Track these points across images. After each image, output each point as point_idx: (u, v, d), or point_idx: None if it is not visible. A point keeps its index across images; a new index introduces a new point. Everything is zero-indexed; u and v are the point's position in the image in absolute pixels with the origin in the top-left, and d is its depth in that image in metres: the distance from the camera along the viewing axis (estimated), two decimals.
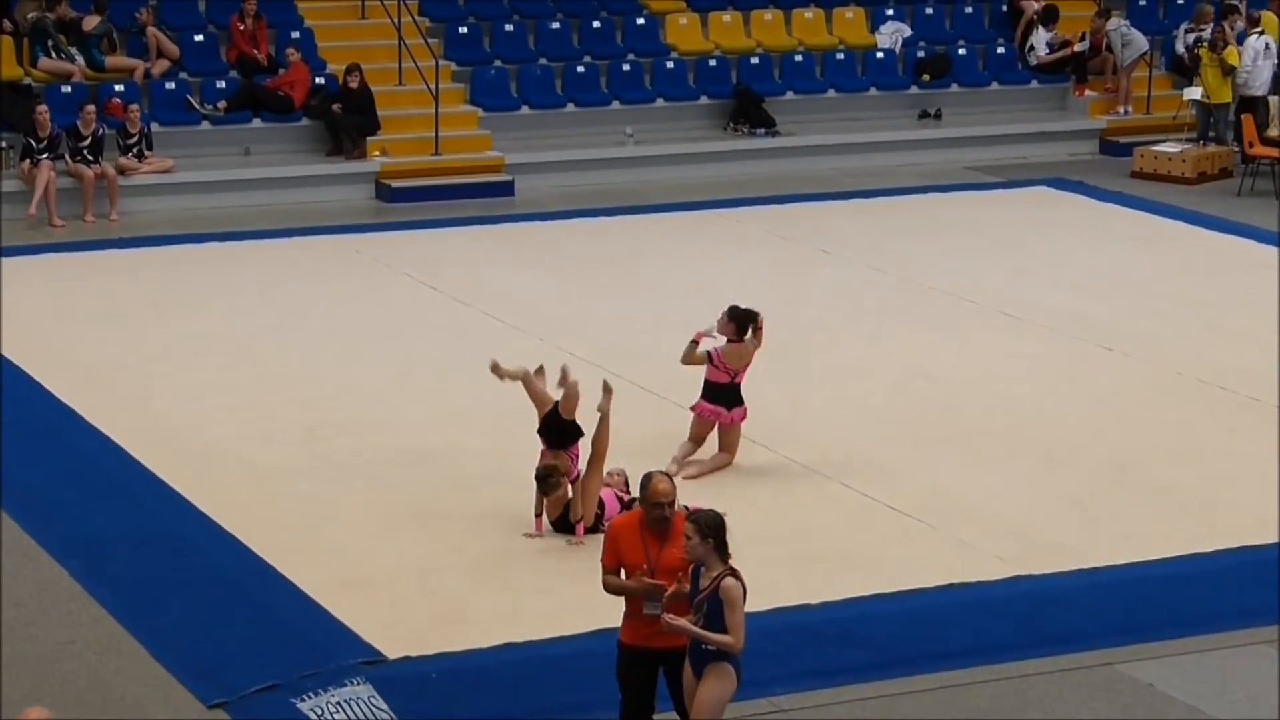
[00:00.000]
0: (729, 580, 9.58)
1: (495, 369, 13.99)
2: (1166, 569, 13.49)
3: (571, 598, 12.47)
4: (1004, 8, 29.70)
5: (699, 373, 17.42)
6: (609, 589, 10.13)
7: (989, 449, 15.68)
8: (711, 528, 9.65)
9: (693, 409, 15.25)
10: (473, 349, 18.07)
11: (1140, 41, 28.09)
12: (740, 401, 15.17)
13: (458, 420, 16.09)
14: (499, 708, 11.34)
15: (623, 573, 10.02)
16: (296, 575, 13.07)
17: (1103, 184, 25.90)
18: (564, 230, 23.14)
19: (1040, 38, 28.75)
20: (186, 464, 15.12)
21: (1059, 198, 25.35)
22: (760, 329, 15.19)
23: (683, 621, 9.58)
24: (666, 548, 9.93)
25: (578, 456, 13.77)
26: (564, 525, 13.57)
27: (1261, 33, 27.28)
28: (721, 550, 9.65)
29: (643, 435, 16.02)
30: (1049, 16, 28.83)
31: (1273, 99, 26.78)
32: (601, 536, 10.61)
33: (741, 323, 15.18)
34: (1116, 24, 28.28)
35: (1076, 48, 28.59)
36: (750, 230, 23.10)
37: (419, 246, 22.10)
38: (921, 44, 28.80)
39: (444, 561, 13.43)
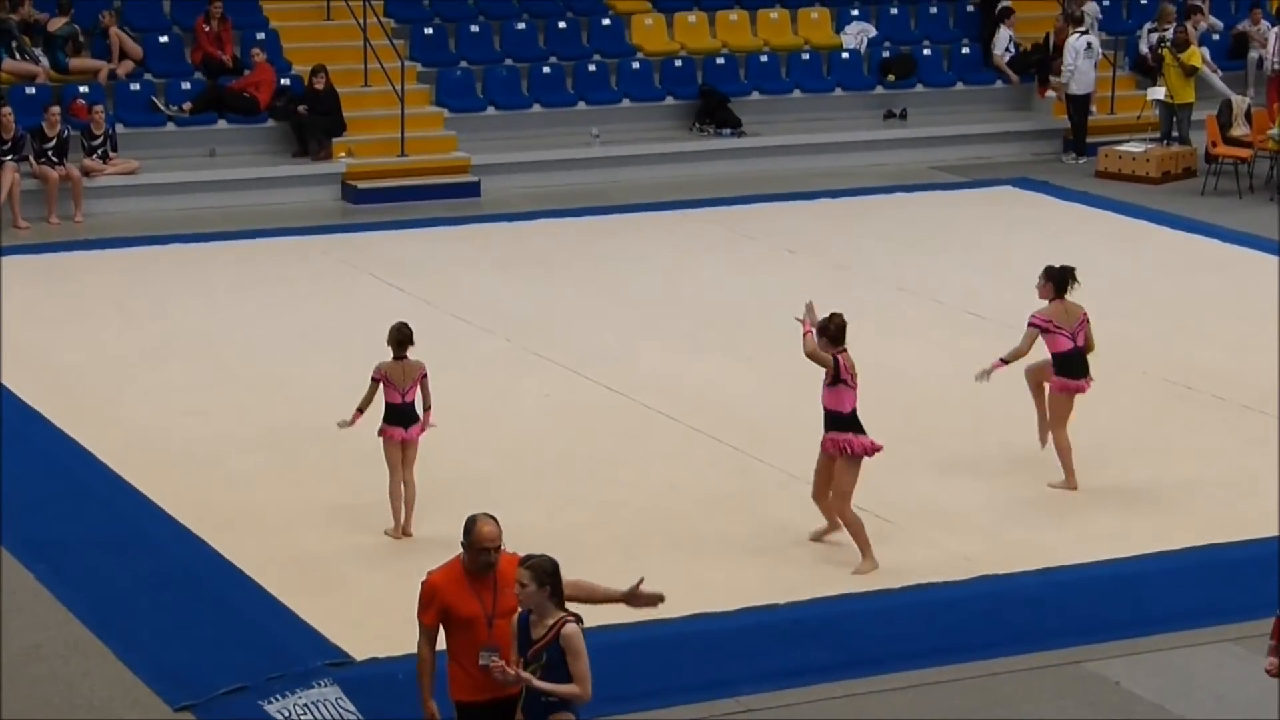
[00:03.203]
0: (570, 627, 8.97)
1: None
2: (1133, 567, 13.54)
3: None
4: (969, 7, 29.75)
5: (666, 375, 17.46)
6: (419, 662, 9.52)
7: (955, 448, 15.71)
8: (548, 574, 8.99)
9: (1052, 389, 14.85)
10: (439, 350, 18.07)
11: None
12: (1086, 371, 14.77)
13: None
14: None
15: (442, 630, 9.44)
16: (264, 577, 13.06)
17: (1067, 184, 25.97)
18: (530, 231, 23.13)
19: (1001, 37, 28.78)
20: (153, 466, 15.09)
21: (1024, 197, 25.41)
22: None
23: (525, 674, 9.01)
24: (502, 592, 9.25)
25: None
26: None
27: (1084, 32, 27.33)
28: (557, 597, 9.02)
29: (608, 435, 16.06)
30: (1005, 14, 28.83)
31: (1237, 98, 26.88)
32: None
33: (1060, 281, 14.83)
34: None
35: (1031, 50, 28.59)
36: (716, 230, 23.12)
37: (385, 247, 22.08)
38: (886, 44, 28.84)
39: (411, 563, 13.39)
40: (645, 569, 13.17)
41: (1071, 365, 14.69)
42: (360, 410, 13.72)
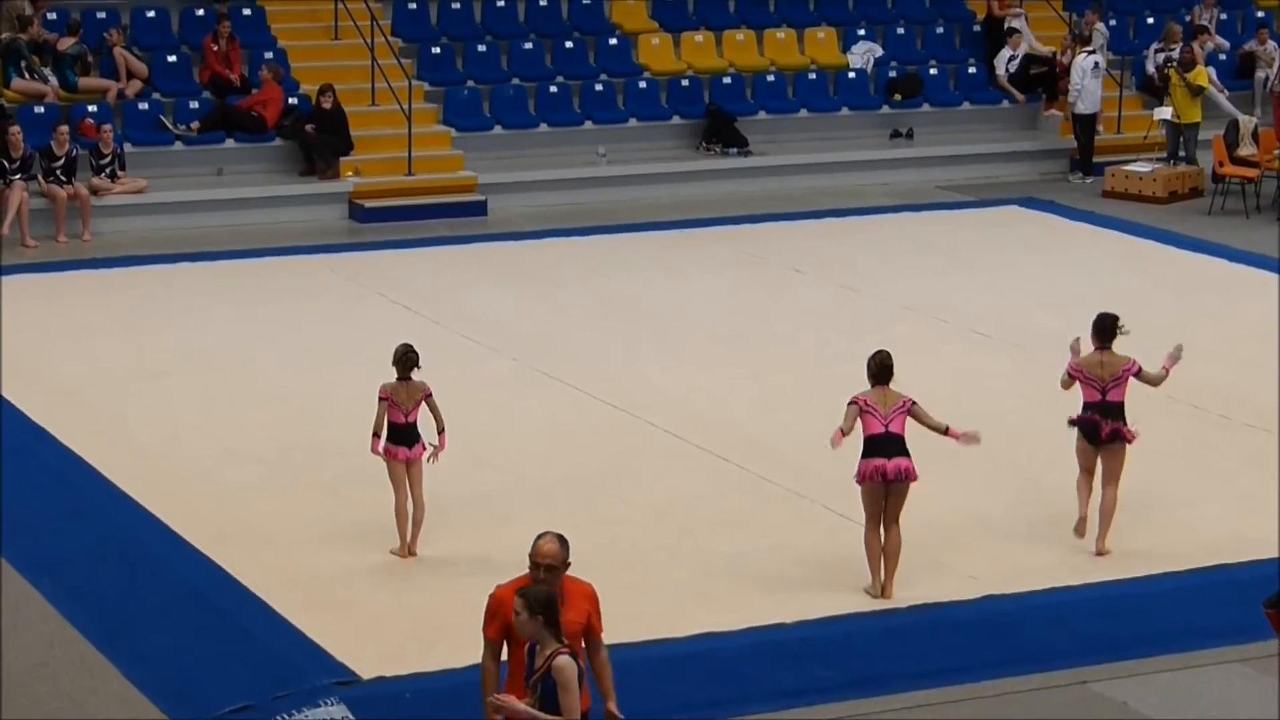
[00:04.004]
0: (561, 659, 8.96)
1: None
2: (1140, 588, 13.52)
3: None
4: (976, 27, 29.78)
5: (673, 394, 17.50)
6: (483, 673, 9.59)
7: (961, 467, 15.67)
8: (541, 604, 8.99)
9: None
10: (445, 369, 18.07)
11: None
12: (1120, 418, 13.95)
13: (429, 440, 16.07)
14: None
15: (505, 646, 9.54)
16: (270, 595, 13.06)
17: (1074, 203, 25.97)
18: (537, 250, 23.15)
19: (1004, 56, 28.79)
20: (160, 483, 15.10)
21: (1030, 217, 25.42)
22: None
23: (518, 704, 9.03)
24: (564, 612, 9.23)
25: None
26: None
27: (1091, 52, 27.34)
28: (553, 627, 9.03)
29: (611, 454, 16.06)
30: (1009, 33, 28.86)
31: (1244, 118, 26.88)
32: None
33: (1098, 330, 14.25)
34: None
35: (1034, 70, 28.59)
36: (722, 249, 23.13)
37: (392, 266, 22.10)
38: (893, 64, 28.86)
39: (417, 581, 13.43)
40: (650, 587, 13.27)
41: (1092, 410, 14.08)
42: (376, 435, 13.74)
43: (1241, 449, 16.34)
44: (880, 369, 13.32)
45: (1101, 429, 13.97)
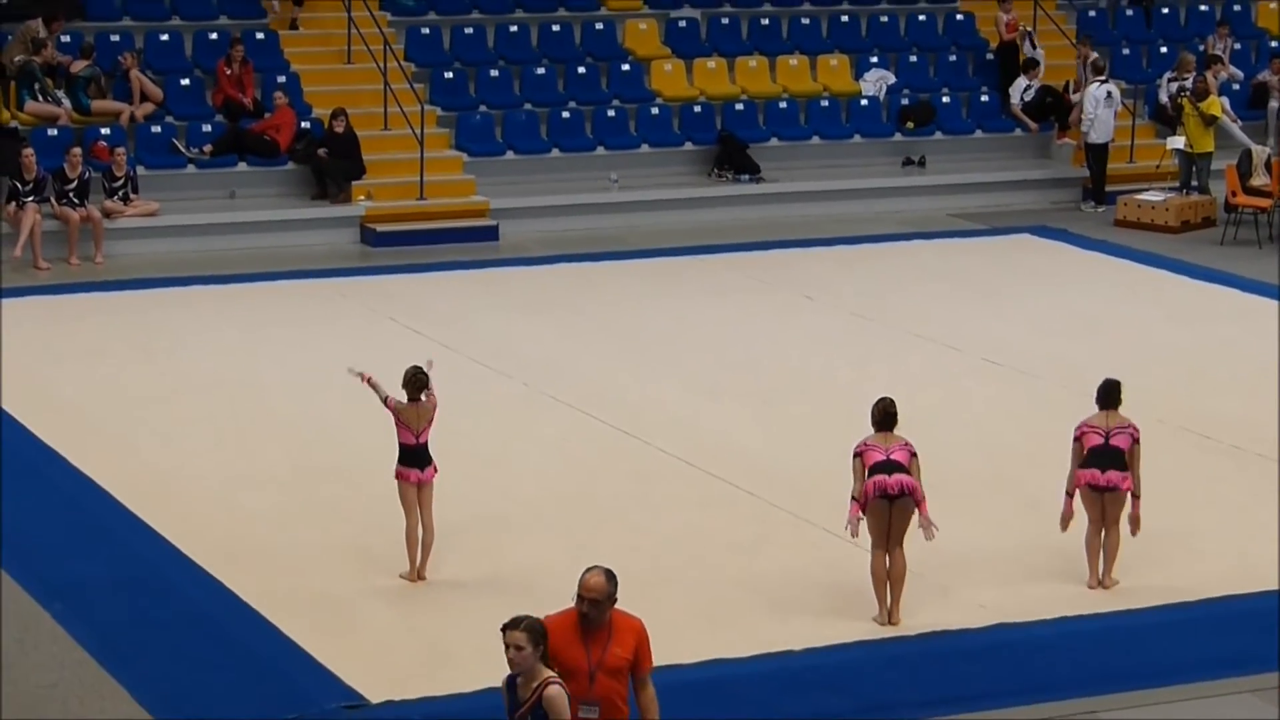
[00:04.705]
0: (552, 689, 8.96)
1: None
2: (1149, 618, 13.49)
3: None
4: (989, 55, 29.81)
5: (683, 420, 17.46)
6: None
7: (972, 495, 15.68)
8: (542, 635, 9.01)
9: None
10: (456, 393, 18.09)
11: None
12: (1119, 466, 13.76)
13: (439, 465, 16.08)
14: None
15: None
16: (280, 618, 13.06)
17: (1086, 232, 25.98)
18: (548, 275, 23.17)
19: (1019, 86, 28.82)
20: (170, 506, 15.11)
21: (1042, 245, 25.42)
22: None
23: None
24: (610, 647, 9.31)
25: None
26: None
27: (1104, 81, 27.36)
28: (545, 658, 9.03)
29: (623, 479, 16.06)
30: (1029, 65, 28.92)
31: (1257, 148, 26.88)
32: None
33: (1100, 394, 14.01)
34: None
35: (1050, 99, 28.66)
36: (734, 276, 23.14)
37: (403, 290, 22.12)
38: (905, 91, 28.90)
39: (426, 604, 13.43)
40: (657, 612, 13.20)
41: (1093, 458, 13.88)
42: (372, 384, 13.77)
43: (1252, 480, 16.31)
44: (884, 416, 13.34)
45: (1099, 483, 13.85)
